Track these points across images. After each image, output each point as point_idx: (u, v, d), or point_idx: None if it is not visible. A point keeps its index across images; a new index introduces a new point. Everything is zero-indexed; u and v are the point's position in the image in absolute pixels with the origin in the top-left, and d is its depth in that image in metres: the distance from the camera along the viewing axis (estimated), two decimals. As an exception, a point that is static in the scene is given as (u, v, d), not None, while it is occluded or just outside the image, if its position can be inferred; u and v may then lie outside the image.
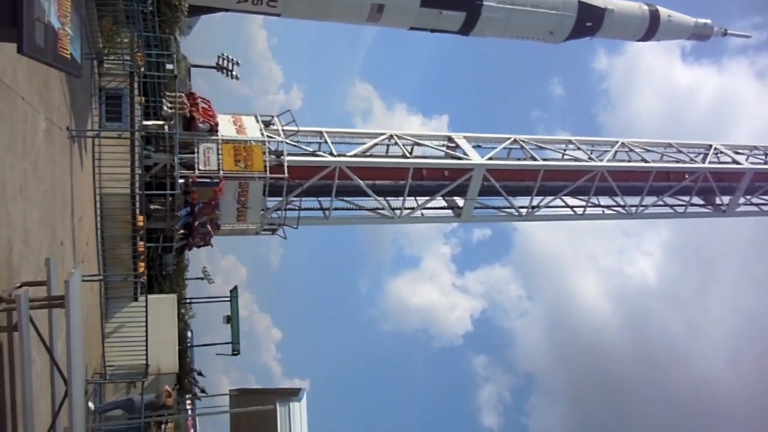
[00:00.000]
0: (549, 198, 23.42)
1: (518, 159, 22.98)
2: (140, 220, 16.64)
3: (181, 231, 18.45)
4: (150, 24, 17.81)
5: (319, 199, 21.04)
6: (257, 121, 20.05)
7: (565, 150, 24.07)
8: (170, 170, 17.98)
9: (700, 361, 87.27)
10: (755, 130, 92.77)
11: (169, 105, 18.37)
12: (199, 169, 17.82)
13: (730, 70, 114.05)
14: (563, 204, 24.24)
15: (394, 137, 21.64)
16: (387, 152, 22.05)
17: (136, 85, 17.41)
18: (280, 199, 19.32)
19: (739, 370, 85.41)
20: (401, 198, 21.39)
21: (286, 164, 18.69)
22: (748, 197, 26.96)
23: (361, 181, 20.25)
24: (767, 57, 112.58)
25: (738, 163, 25.52)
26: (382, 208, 21.54)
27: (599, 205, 24.76)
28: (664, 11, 34.08)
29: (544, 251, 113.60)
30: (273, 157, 18.90)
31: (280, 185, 18.62)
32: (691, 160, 25.13)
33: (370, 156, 21.19)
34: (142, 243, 17.22)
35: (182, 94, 18.85)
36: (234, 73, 38.08)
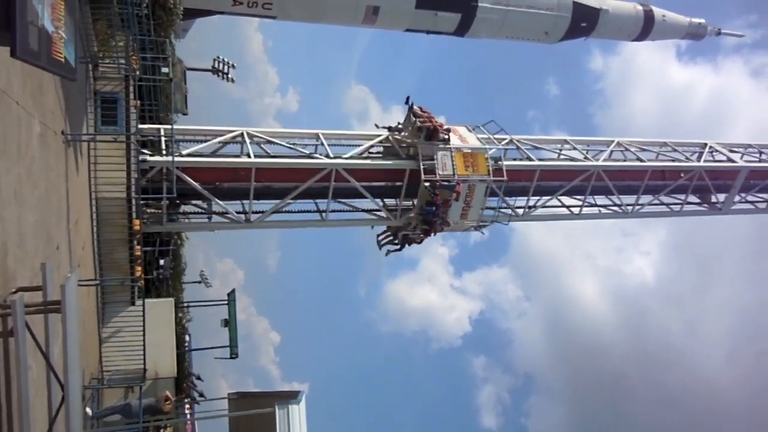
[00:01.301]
0: (546, 198, 23.44)
1: (514, 159, 22.99)
2: (136, 224, 16.61)
3: (424, 226, 21.19)
4: (145, 27, 17.79)
5: (316, 201, 21.03)
6: (470, 131, 22.47)
7: (561, 150, 24.09)
8: (167, 174, 18.01)
9: (698, 360, 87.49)
10: (750, 128, 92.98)
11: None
12: (439, 174, 20.19)
13: (725, 69, 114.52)
14: (560, 204, 24.27)
15: (391, 139, 21.62)
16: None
17: (131, 88, 17.39)
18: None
19: (737, 369, 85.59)
20: (397, 199, 21.38)
21: (504, 168, 21.42)
22: (744, 195, 27.01)
23: (357, 183, 20.22)
24: (762, 56, 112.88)
25: (733, 161, 25.57)
26: (379, 210, 21.54)
27: (596, 205, 24.80)
28: (658, 11, 34.19)
29: (542, 251, 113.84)
30: (492, 162, 21.26)
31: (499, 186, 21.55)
32: (687, 158, 25.18)
33: (366, 158, 21.15)
34: (138, 247, 17.21)
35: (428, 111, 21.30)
36: (230, 76, 38.08)
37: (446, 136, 21.03)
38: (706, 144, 26.03)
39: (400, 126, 21.99)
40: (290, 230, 24.12)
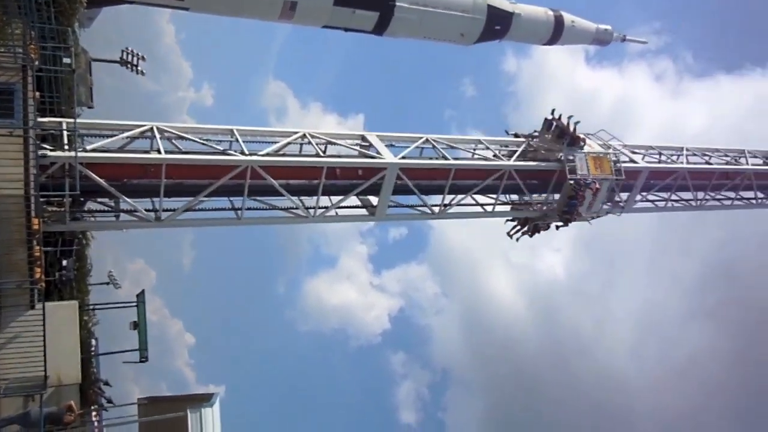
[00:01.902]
0: (460, 196, 23.97)
1: (430, 158, 23.39)
2: (35, 222, 15.69)
3: (566, 216, 25.13)
4: (45, 15, 16.81)
5: (231, 198, 20.58)
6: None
7: (475, 149, 24.71)
8: (70, 170, 17.11)
9: (605, 353, 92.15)
10: (653, 130, 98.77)
11: None
12: (579, 174, 24.10)
13: (629, 74, 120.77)
14: (474, 202, 24.88)
15: (308, 136, 21.49)
16: (300, 151, 21.87)
17: (30, 79, 16.38)
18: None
19: (640, 361, 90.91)
20: (315, 197, 21.27)
21: (623, 168, 25.34)
22: (644, 194, 28.61)
23: (273, 181, 19.98)
24: (664, 61, 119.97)
25: (635, 162, 27.04)
26: (296, 208, 21.34)
27: (508, 203, 25.58)
28: (568, 17, 35.73)
29: (459, 248, 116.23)
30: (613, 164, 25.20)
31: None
32: (499, 158, 25.98)
33: (283, 155, 20.93)
34: (38, 247, 16.26)
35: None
36: (139, 68, 36.55)
37: (583, 143, 25.05)
38: (610, 146, 27.35)
39: (536, 133, 26.06)
40: (205, 229, 23.68)
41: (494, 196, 24.68)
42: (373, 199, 22.69)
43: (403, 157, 22.17)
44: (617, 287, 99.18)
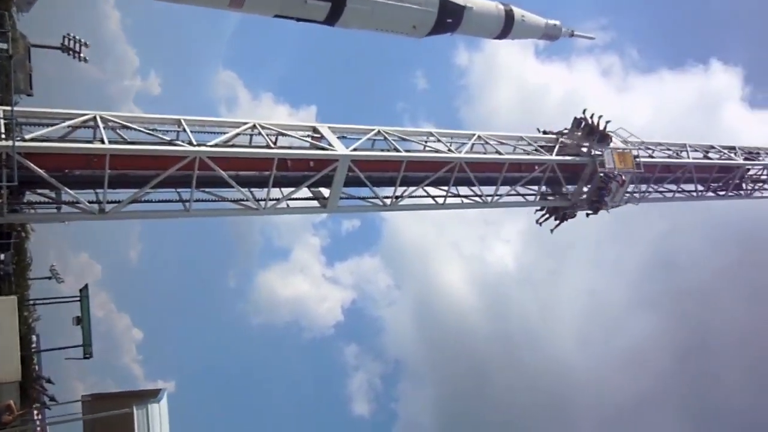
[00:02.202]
0: (412, 188, 24.09)
1: (382, 150, 23.40)
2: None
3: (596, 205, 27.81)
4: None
5: (178, 190, 20.14)
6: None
7: (426, 142, 24.83)
8: (7, 160, 16.45)
9: (553, 342, 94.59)
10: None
11: None
12: (607, 167, 26.63)
13: (578, 69, 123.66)
14: (426, 194, 25.04)
15: (258, 127, 21.18)
16: (250, 142, 21.55)
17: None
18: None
19: (586, 349, 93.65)
20: (266, 189, 21.01)
21: (641, 163, 28.14)
22: (655, 186, 30.17)
23: (223, 172, 19.63)
24: (611, 56, 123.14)
25: (652, 157, 28.11)
26: (247, 200, 21.04)
27: (459, 195, 25.85)
28: (518, 11, 36.09)
29: (412, 241, 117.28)
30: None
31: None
32: (540, 152, 26.90)
33: (233, 146, 20.58)
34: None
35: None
36: (82, 55, 35.35)
37: (610, 140, 27.42)
38: (558, 139, 27.97)
39: (565, 130, 28.50)
40: (152, 221, 23.20)
41: (445, 188, 24.93)
42: (325, 191, 22.57)
43: (355, 149, 22.10)
44: (564, 277, 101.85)
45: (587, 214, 28.95)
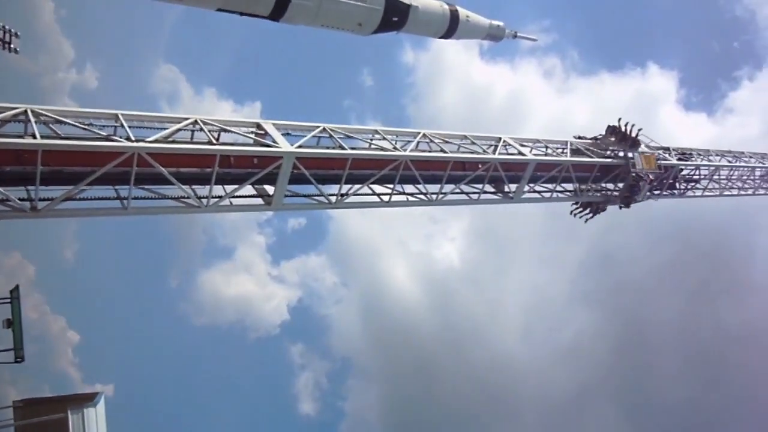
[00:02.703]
0: (357, 186, 24.10)
1: (327, 148, 23.30)
2: None
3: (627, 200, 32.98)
4: None
5: (116, 187, 19.53)
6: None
7: (372, 139, 24.86)
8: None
9: (498, 337, 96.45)
10: (541, 124, 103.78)
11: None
12: (638, 168, 31.89)
13: (521, 70, 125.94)
14: (371, 192, 25.09)
15: (200, 122, 20.73)
16: (192, 138, 21.07)
17: None
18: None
19: (530, 343, 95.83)
20: (208, 186, 20.60)
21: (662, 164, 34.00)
22: (532, 185, 30.04)
23: (163, 169, 19.15)
24: (553, 58, 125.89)
25: (523, 154, 28.31)
26: (188, 197, 20.58)
27: (404, 193, 26.01)
28: (462, 11, 36.57)
29: (358, 238, 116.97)
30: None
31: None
32: (484, 151, 27.33)
33: (173, 142, 20.07)
34: None
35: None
36: (12, 45, 33.84)
37: (640, 144, 32.61)
38: (500, 138, 28.45)
39: (599, 136, 33.28)
40: (89, 220, 22.43)
41: (390, 186, 25.06)
42: (270, 189, 22.32)
43: (300, 146, 21.92)
44: (508, 274, 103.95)
45: (620, 207, 33.58)
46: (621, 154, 32.48)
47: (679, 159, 35.87)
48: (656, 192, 34.71)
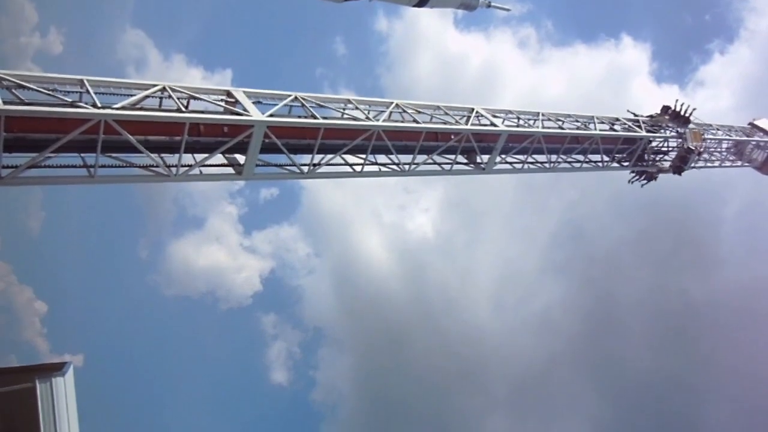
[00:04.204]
0: (330, 156, 23.98)
1: (299, 116, 23.08)
2: None
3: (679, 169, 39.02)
4: None
5: (82, 155, 19.14)
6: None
7: (344, 109, 24.69)
8: None
9: (470, 308, 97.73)
10: (515, 95, 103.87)
11: None
12: (690, 143, 38.22)
13: (495, 39, 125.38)
14: (344, 162, 25.00)
15: (168, 89, 20.34)
16: (160, 106, 20.67)
17: None
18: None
19: (501, 314, 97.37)
20: (177, 155, 20.30)
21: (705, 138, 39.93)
22: (503, 156, 30.22)
23: (130, 136, 18.81)
24: (527, 28, 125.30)
25: (495, 125, 28.40)
26: (157, 166, 20.26)
27: (376, 163, 25.98)
28: (435, -20, 36.23)
29: (331, 209, 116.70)
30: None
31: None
32: (456, 122, 27.37)
33: (141, 109, 19.68)
34: None
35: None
36: (-27, 7, 32.57)
37: (690, 122, 38.28)
38: (473, 109, 28.47)
39: (655, 114, 38.85)
40: (55, 188, 22.00)
41: (363, 156, 25.00)
42: (241, 158, 22.09)
43: (271, 115, 21.67)
44: (480, 245, 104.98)
45: (674, 173, 38.97)
46: (674, 131, 38.06)
47: (648, 131, 36.70)
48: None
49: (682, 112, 38.23)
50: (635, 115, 37.34)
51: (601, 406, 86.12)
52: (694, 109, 38.11)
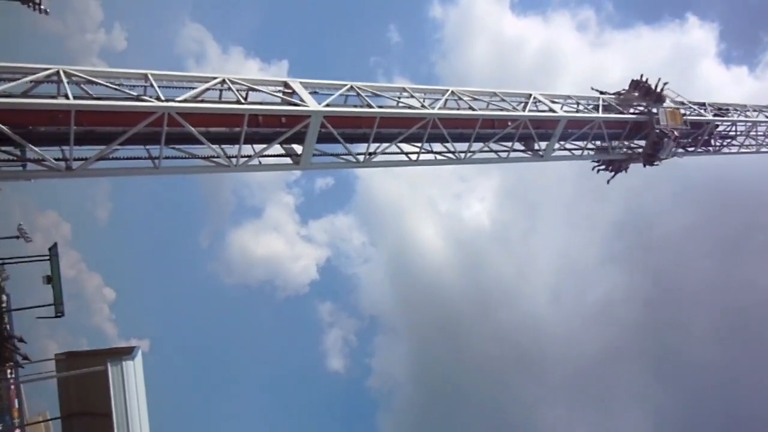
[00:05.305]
0: (385, 144, 24.01)
1: (355, 106, 23.17)
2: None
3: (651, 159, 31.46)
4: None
5: (148, 147, 19.78)
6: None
7: (399, 97, 24.64)
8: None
9: (528, 298, 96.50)
10: (574, 80, 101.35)
11: None
12: (662, 124, 30.64)
13: (554, 23, 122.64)
14: (399, 150, 24.98)
15: (228, 82, 20.75)
16: (220, 98, 21.13)
17: None
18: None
19: (560, 304, 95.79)
20: (237, 145, 20.73)
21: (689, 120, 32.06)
22: (563, 143, 29.53)
23: (192, 128, 19.30)
24: (587, 11, 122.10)
25: (554, 111, 27.76)
26: (218, 157, 20.76)
27: (432, 152, 25.85)
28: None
29: (386, 197, 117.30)
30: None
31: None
32: (513, 108, 26.89)
33: (202, 101, 20.17)
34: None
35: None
36: (42, 6, 33.99)
37: (665, 100, 31.22)
38: (530, 95, 27.91)
39: (622, 91, 32.04)
40: (121, 179, 22.88)
41: (418, 144, 24.89)
42: (298, 148, 22.38)
43: (328, 105, 21.84)
44: (538, 234, 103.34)
45: (644, 165, 32.24)
46: (645, 109, 31.44)
47: (715, 115, 34.74)
48: (689, 149, 33.82)
49: (653, 88, 31.59)
50: (600, 93, 31.96)
51: (663, 398, 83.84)
52: (665, 84, 31.56)
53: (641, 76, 31.75)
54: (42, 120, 17.68)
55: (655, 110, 30.93)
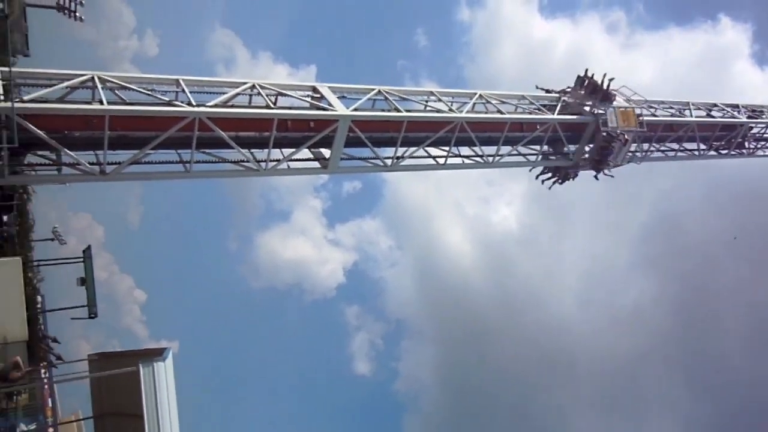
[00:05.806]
0: (413, 148, 24.00)
1: (383, 110, 23.21)
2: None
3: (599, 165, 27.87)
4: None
5: (179, 151, 20.08)
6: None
7: (427, 101, 24.62)
8: (7, 121, 16.36)
9: (556, 302, 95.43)
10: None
11: None
12: (610, 126, 26.69)
13: (583, 24, 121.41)
14: (427, 154, 24.95)
15: (257, 87, 20.99)
16: (250, 102, 21.39)
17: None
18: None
19: (589, 309, 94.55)
20: (266, 150, 20.94)
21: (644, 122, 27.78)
22: (657, 145, 29.78)
23: (223, 133, 19.55)
24: (616, 12, 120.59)
25: (655, 116, 27.60)
26: (247, 161, 21.00)
27: (459, 155, 25.76)
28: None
29: (413, 201, 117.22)
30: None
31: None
32: (542, 111, 26.65)
33: (232, 106, 20.43)
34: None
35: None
36: (77, 14, 34.72)
37: (614, 98, 27.21)
38: (559, 98, 27.68)
39: (568, 89, 27.99)
40: (152, 183, 23.31)
41: (446, 148, 24.84)
42: (326, 152, 22.50)
43: (356, 109, 21.93)
44: (567, 238, 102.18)
45: (595, 176, 28.90)
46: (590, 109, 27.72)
47: (749, 117, 33.95)
48: (722, 151, 32.72)
49: (600, 85, 27.22)
50: (547, 91, 28.58)
51: (695, 406, 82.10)
52: (611, 80, 27.03)
53: (586, 71, 27.77)
54: (77, 125, 18.09)
55: (603, 110, 27.26)
